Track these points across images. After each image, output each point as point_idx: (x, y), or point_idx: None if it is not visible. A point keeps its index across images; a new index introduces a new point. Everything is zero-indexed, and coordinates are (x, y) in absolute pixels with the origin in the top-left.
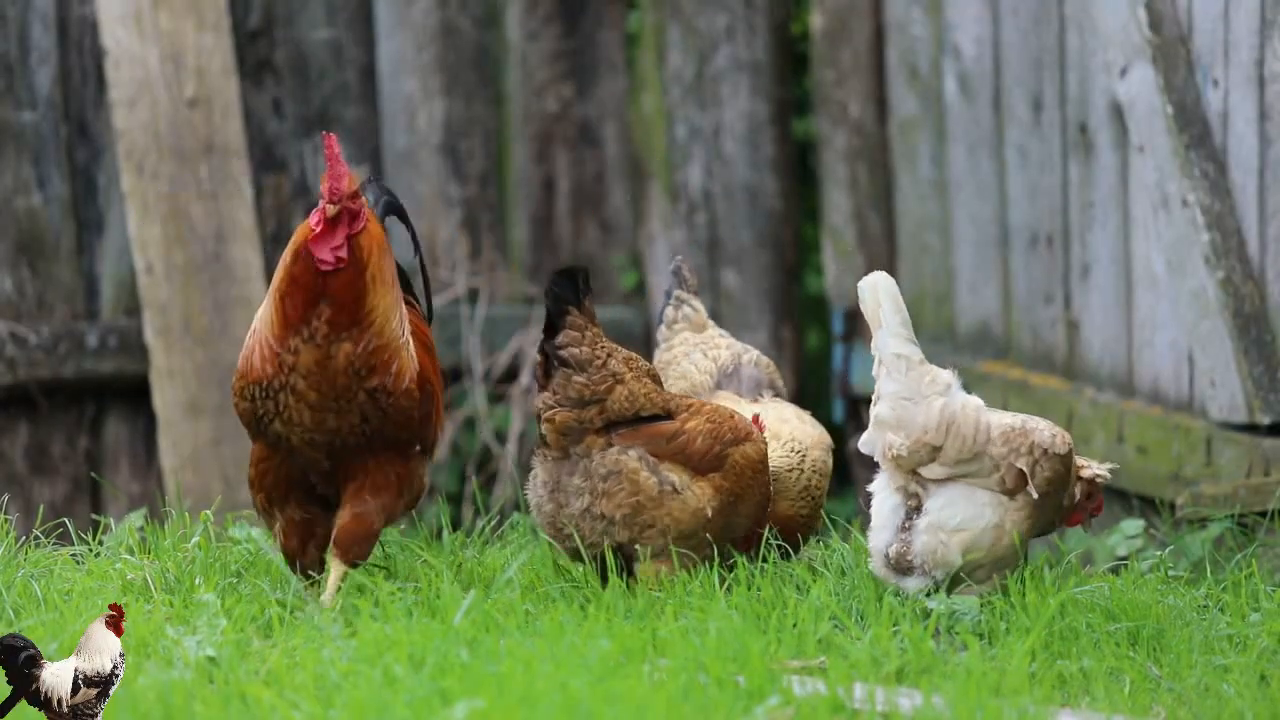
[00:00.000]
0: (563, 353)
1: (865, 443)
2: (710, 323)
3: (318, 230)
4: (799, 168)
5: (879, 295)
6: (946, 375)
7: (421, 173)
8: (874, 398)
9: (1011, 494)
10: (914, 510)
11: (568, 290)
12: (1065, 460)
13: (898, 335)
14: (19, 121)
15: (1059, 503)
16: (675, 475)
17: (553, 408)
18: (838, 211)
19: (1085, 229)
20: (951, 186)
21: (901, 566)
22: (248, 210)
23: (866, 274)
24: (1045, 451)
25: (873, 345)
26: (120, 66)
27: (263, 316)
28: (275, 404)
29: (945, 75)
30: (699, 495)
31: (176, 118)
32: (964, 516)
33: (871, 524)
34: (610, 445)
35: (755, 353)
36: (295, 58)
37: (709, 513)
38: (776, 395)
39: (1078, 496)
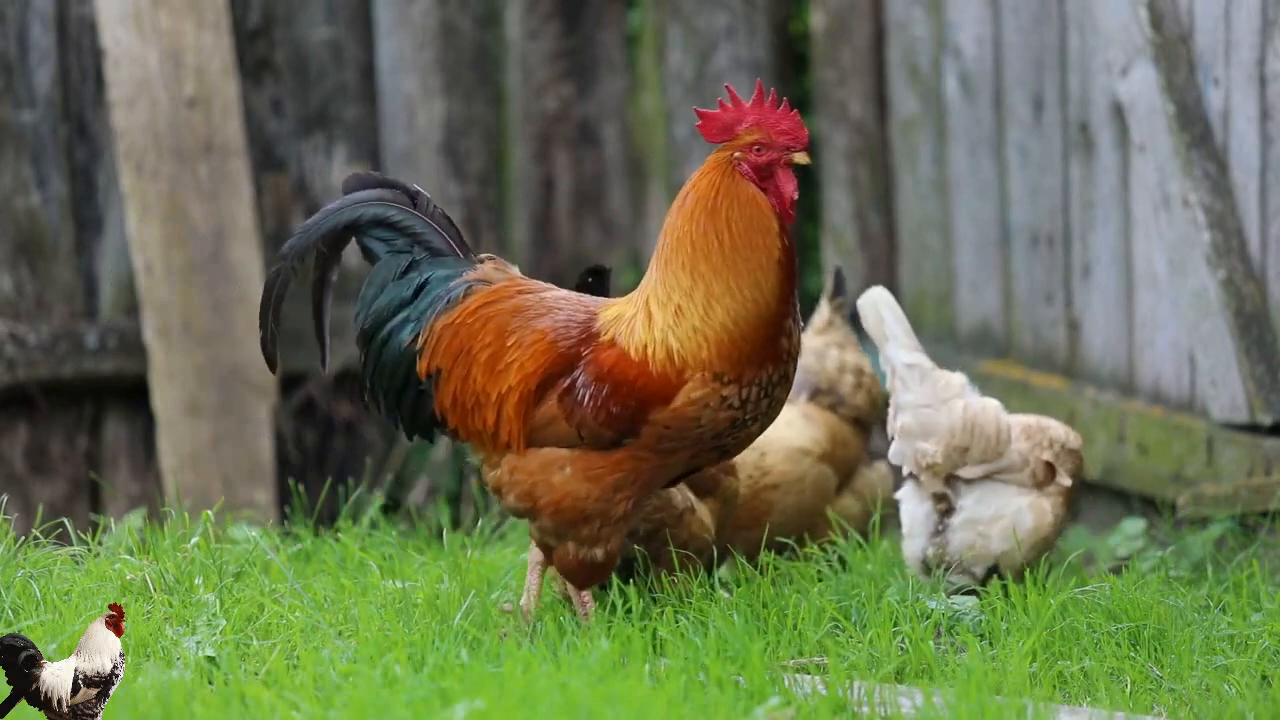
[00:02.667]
0: None
1: (894, 454)
2: (834, 326)
3: (780, 185)
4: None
5: (880, 310)
6: (959, 378)
7: (421, 172)
8: (892, 409)
9: (1041, 486)
10: (945, 513)
11: (599, 290)
12: (1080, 455)
13: (906, 346)
14: (18, 121)
15: (1075, 496)
16: (691, 494)
17: None
18: (838, 211)
19: (1086, 229)
20: (952, 186)
21: (938, 566)
22: (247, 210)
23: (867, 274)
24: (1064, 446)
25: (881, 359)
26: (120, 66)
27: (738, 298)
28: (770, 402)
29: (946, 75)
30: (706, 515)
31: (176, 117)
32: (999, 505)
33: (904, 531)
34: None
35: (832, 359)
36: (295, 57)
37: (711, 534)
38: (817, 397)
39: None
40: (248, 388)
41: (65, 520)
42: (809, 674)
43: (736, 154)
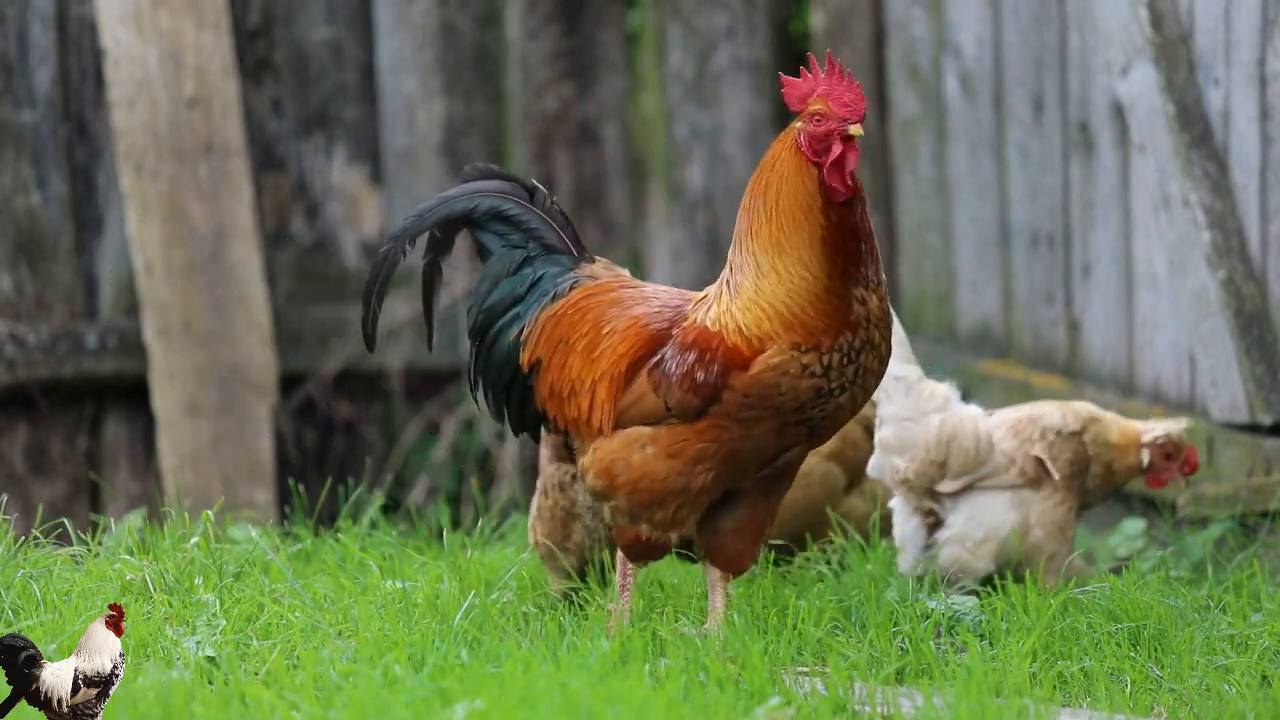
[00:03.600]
0: None
1: (874, 467)
2: None
3: (835, 156)
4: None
5: None
6: (944, 389)
7: (421, 172)
8: (877, 421)
9: (1036, 484)
10: (933, 527)
11: None
12: (1081, 437)
13: (896, 357)
14: (18, 121)
15: (1098, 474)
16: None
17: None
18: None
19: (1086, 229)
20: (952, 186)
21: (940, 579)
22: (247, 210)
23: None
24: (1059, 433)
25: None
26: (120, 66)
27: (783, 275)
28: (856, 369)
29: (946, 75)
30: None
31: (176, 117)
32: (989, 526)
33: (896, 544)
34: None
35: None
36: (295, 57)
37: None
38: None
39: (1145, 463)
40: (248, 388)
41: (65, 520)
42: (810, 675)
43: (799, 125)
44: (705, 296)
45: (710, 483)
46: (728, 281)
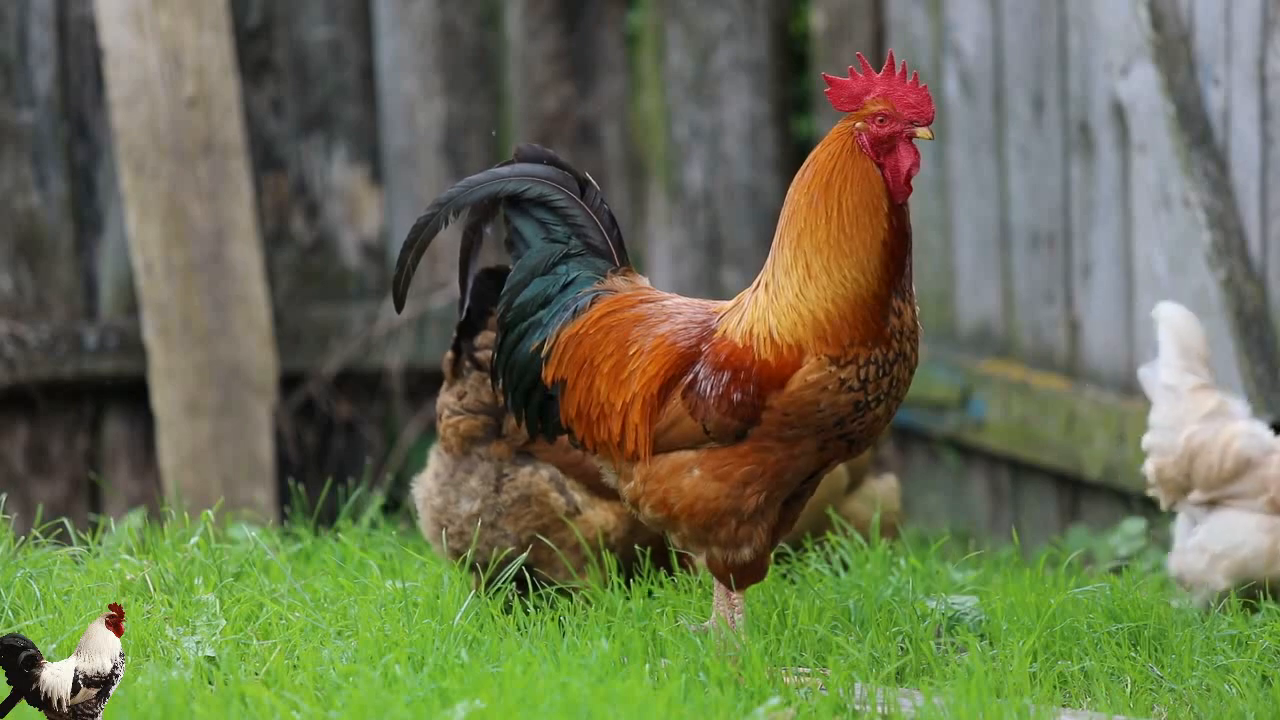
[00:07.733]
0: (479, 355)
1: (1145, 470)
2: None
3: (899, 158)
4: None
5: (1161, 327)
6: (1215, 401)
7: (421, 172)
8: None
9: None
10: (1193, 530)
11: (492, 290)
12: None
13: (1170, 366)
14: (18, 121)
15: None
16: (579, 495)
17: (458, 414)
18: None
19: (1087, 228)
20: (952, 186)
21: (1182, 582)
22: (247, 210)
23: None
24: None
25: (1146, 371)
26: (119, 66)
27: (835, 278)
28: (890, 380)
29: (946, 74)
30: (601, 516)
31: (175, 117)
32: (1227, 543)
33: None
34: (514, 454)
35: None
36: (295, 57)
37: (611, 537)
38: None
39: None
40: (248, 388)
41: (65, 520)
42: (811, 676)
43: (858, 125)
44: (738, 302)
45: (764, 503)
46: (766, 284)
